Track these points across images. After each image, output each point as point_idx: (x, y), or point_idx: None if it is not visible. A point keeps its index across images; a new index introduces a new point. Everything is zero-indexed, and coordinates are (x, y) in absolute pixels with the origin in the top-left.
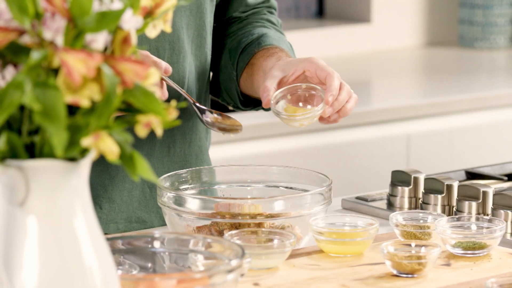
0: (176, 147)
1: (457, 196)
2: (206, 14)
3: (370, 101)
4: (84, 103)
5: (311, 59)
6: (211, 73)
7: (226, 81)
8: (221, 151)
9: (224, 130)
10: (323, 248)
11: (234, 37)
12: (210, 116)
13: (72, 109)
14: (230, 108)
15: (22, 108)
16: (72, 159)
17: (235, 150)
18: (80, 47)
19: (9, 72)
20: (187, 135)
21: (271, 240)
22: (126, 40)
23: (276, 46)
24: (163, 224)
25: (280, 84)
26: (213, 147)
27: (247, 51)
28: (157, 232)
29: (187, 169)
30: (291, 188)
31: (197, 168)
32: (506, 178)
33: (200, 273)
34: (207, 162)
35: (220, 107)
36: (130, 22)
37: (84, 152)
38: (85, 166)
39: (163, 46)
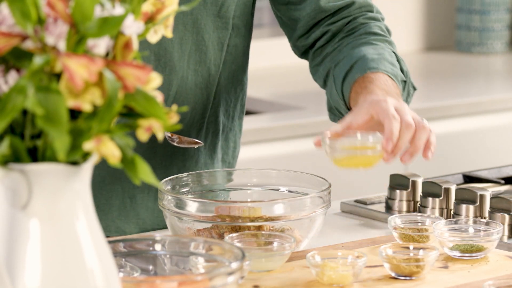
0: (172, 156)
1: (455, 200)
2: (206, 30)
3: None
4: (86, 107)
5: (379, 102)
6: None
7: (340, 109)
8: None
9: (181, 144)
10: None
11: (335, 61)
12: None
13: (74, 114)
14: None
15: (24, 112)
16: (74, 163)
17: None
18: (82, 52)
19: (12, 77)
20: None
21: (271, 242)
22: (127, 45)
23: (371, 73)
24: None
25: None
26: None
27: (347, 80)
28: (158, 235)
29: (188, 173)
30: (290, 191)
31: (198, 171)
32: (503, 181)
33: (200, 275)
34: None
35: None
36: (132, 27)
37: (86, 156)
38: (87, 169)
39: (148, 57)
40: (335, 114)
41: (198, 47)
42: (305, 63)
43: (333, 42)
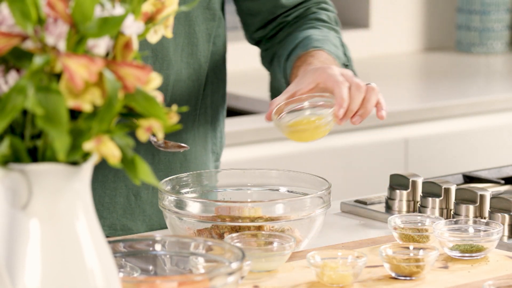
0: (161, 155)
1: (455, 200)
2: (196, 22)
3: None
4: (86, 107)
5: (324, 69)
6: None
7: (281, 88)
8: (222, 155)
9: (168, 149)
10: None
11: (282, 43)
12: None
13: (74, 114)
14: None
15: (25, 112)
16: (74, 163)
17: (235, 154)
18: (82, 52)
19: (12, 77)
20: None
21: (271, 243)
22: (127, 45)
23: (313, 50)
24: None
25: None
26: None
27: (291, 58)
28: (158, 235)
29: (188, 173)
30: (290, 191)
31: (198, 171)
32: (503, 181)
33: (200, 275)
34: (193, 170)
35: None
36: (132, 27)
37: (86, 156)
38: (87, 170)
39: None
40: (276, 94)
41: (190, 40)
42: None
43: (284, 30)
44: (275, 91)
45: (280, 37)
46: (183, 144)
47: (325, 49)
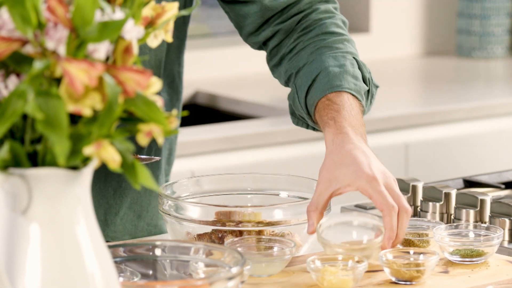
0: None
1: (455, 204)
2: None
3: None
4: (86, 112)
5: (368, 178)
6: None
7: (301, 115)
8: (222, 159)
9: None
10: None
11: (293, 64)
12: None
13: (74, 118)
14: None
15: (25, 117)
16: (74, 168)
17: (235, 159)
18: (82, 57)
19: (12, 81)
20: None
21: (271, 247)
22: (127, 49)
23: (335, 94)
24: None
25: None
26: (214, 156)
27: (311, 95)
28: (158, 240)
29: (188, 177)
30: (291, 196)
31: (198, 176)
32: (503, 186)
33: (201, 280)
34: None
35: None
36: (132, 32)
37: (86, 160)
38: (87, 174)
39: None
40: (299, 119)
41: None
42: None
43: (288, 42)
44: (297, 117)
45: (284, 51)
46: (153, 157)
47: (346, 89)
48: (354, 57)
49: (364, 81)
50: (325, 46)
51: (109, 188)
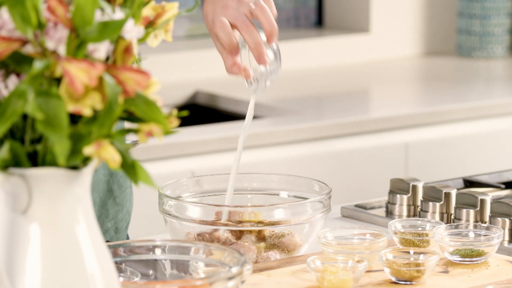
0: None
1: (455, 204)
2: None
3: (368, 110)
4: (86, 112)
5: (215, 21)
6: None
7: None
8: (222, 159)
9: None
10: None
11: None
12: None
13: (74, 118)
14: None
15: (25, 117)
16: (74, 168)
17: None
18: (82, 57)
19: (12, 81)
20: None
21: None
22: (127, 49)
23: None
24: None
25: None
26: (213, 155)
27: None
28: (158, 239)
29: (188, 177)
30: (291, 196)
31: (198, 176)
32: (503, 186)
33: (201, 280)
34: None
35: None
36: (132, 32)
37: (86, 160)
38: (87, 174)
39: None
40: None
41: None
42: (305, 68)
43: None
44: None
45: None
46: (135, 141)
47: None
48: None
49: None
50: None
51: None
